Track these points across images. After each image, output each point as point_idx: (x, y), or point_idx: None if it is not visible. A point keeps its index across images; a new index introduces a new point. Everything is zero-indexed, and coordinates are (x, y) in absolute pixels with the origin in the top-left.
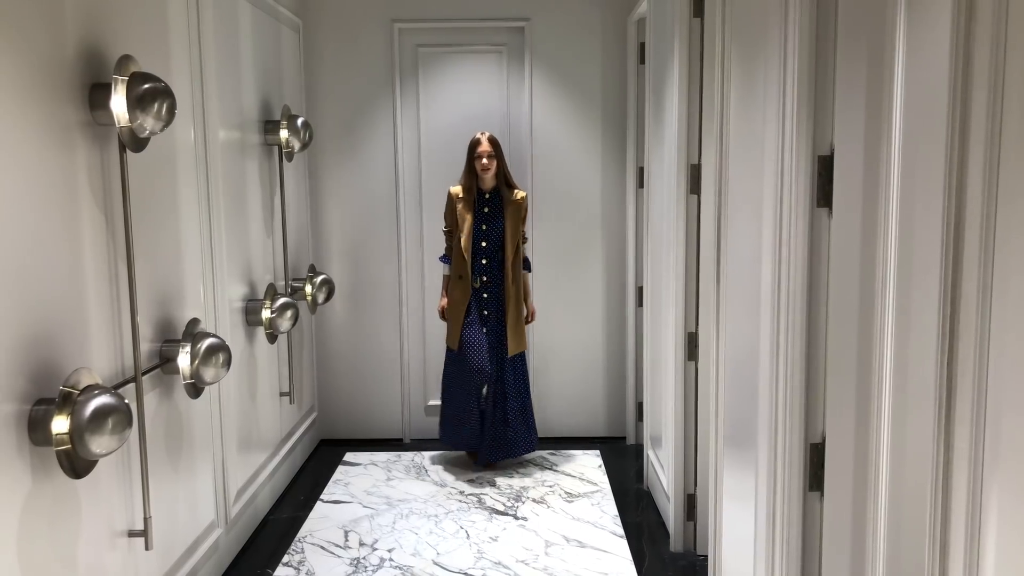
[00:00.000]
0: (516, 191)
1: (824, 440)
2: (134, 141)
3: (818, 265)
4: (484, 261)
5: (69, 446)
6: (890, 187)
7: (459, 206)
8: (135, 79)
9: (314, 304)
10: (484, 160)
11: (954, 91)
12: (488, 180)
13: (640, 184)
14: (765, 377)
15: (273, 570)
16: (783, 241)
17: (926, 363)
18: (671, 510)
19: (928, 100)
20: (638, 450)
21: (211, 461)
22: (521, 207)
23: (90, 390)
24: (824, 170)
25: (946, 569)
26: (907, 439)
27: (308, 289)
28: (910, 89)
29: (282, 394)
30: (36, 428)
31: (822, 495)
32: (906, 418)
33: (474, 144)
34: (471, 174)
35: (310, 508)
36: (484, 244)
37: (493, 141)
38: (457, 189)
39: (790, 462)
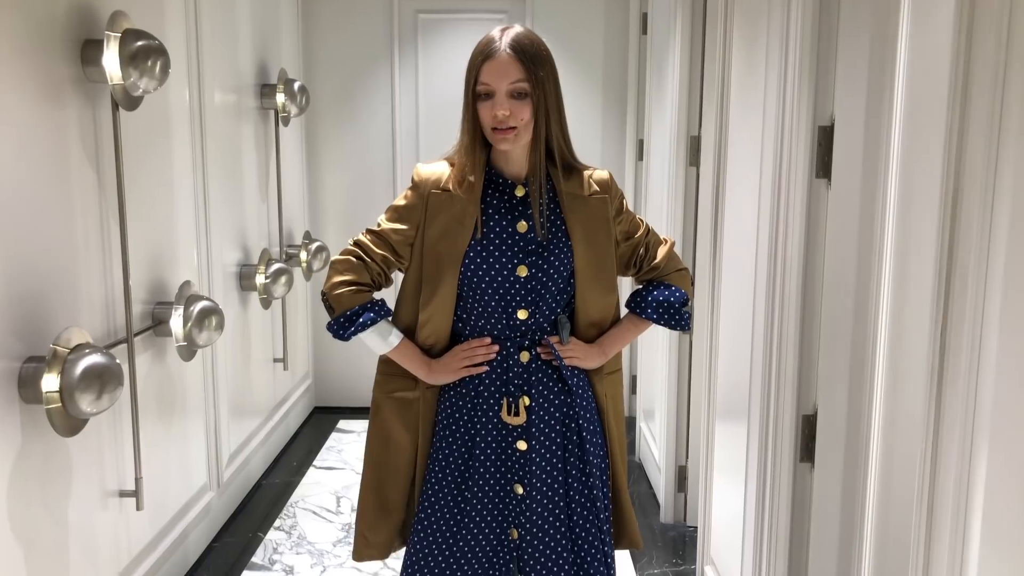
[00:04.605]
0: (587, 172)
1: (816, 411)
2: (127, 99)
3: (815, 236)
4: (524, 357)
5: (59, 404)
6: (890, 158)
7: (443, 220)
8: (128, 36)
9: (309, 271)
10: (501, 109)
11: (957, 63)
12: (516, 155)
13: (640, 157)
14: (759, 348)
15: (265, 533)
16: (781, 212)
17: (921, 335)
18: (662, 482)
19: (931, 71)
20: (630, 422)
21: (204, 424)
22: (606, 204)
23: (81, 349)
24: (824, 141)
25: (932, 538)
26: (899, 410)
27: (303, 256)
28: (913, 59)
29: (276, 360)
30: (26, 385)
31: (813, 466)
32: (899, 389)
33: (482, 57)
34: (477, 142)
35: (303, 474)
36: (524, 316)
37: (524, 51)
38: (439, 173)
39: (782, 433)
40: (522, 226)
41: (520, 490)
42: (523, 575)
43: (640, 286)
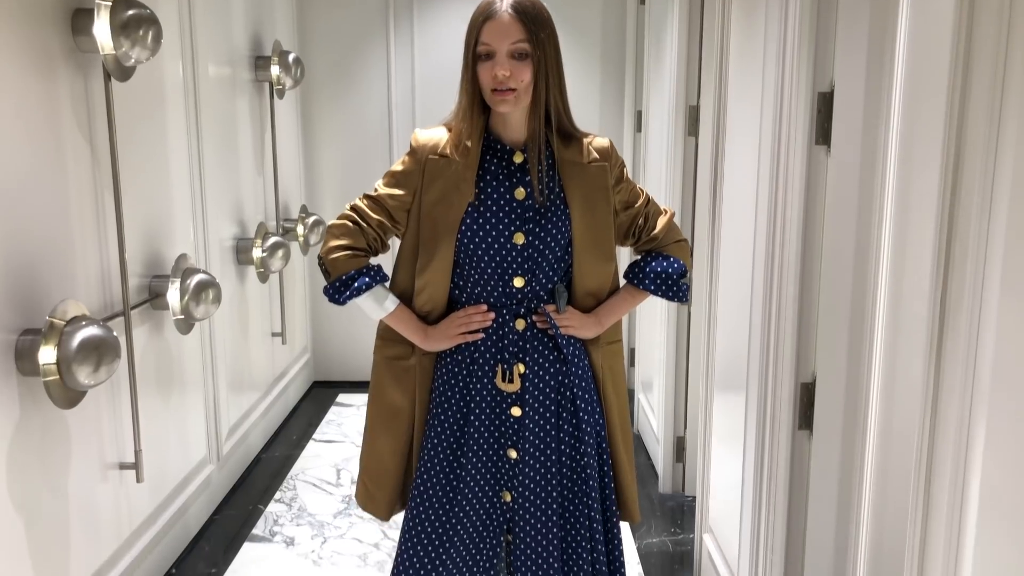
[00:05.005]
0: (587, 140)
1: (815, 379)
2: (119, 70)
3: (815, 204)
4: (520, 325)
5: (57, 377)
6: (890, 124)
7: (440, 186)
8: (119, 5)
9: (306, 245)
10: (501, 69)
11: (959, 26)
12: (514, 120)
13: (638, 128)
14: (758, 317)
15: (265, 506)
16: (780, 179)
17: (920, 301)
18: (660, 452)
19: (933, 35)
20: (629, 395)
21: (203, 398)
22: (605, 172)
23: (77, 321)
24: (824, 107)
25: (930, 504)
26: (898, 377)
27: (300, 230)
28: (915, 23)
29: (274, 335)
30: (23, 358)
31: (811, 434)
32: (898, 356)
33: (483, 17)
34: (475, 105)
35: (303, 447)
36: (520, 283)
37: (526, 12)
38: (436, 138)
39: (780, 401)
40: (520, 193)
41: (514, 454)
42: (512, 535)
43: (639, 257)
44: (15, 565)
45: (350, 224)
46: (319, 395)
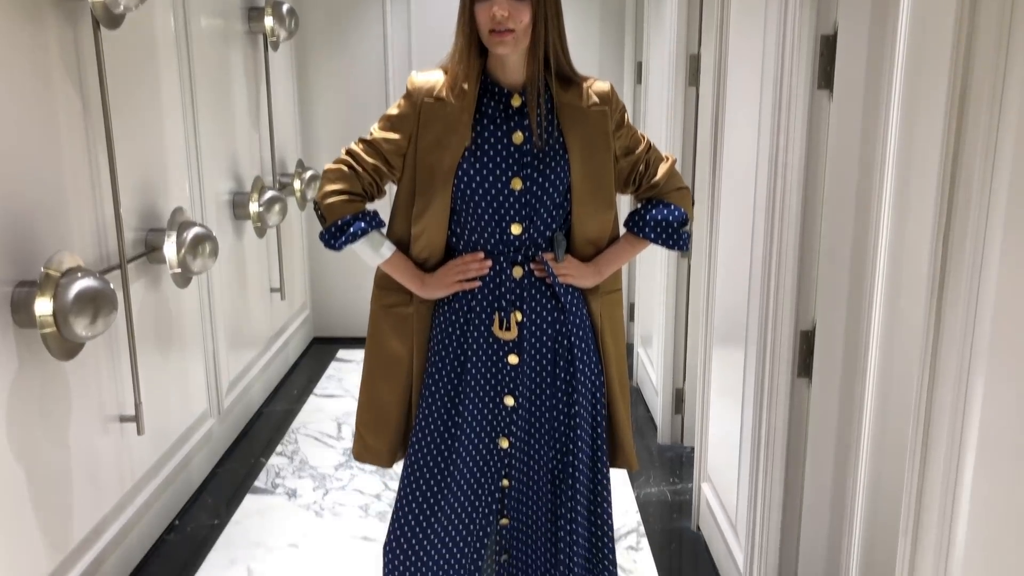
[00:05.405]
0: (587, 83)
1: (815, 327)
2: (108, 17)
3: (817, 149)
4: (517, 272)
5: (54, 328)
6: (895, 67)
7: (435, 130)
8: None
9: (303, 200)
10: (500, 9)
11: None
12: (512, 63)
13: (638, 80)
14: (759, 264)
15: (267, 459)
16: (781, 125)
17: (922, 248)
18: (659, 404)
19: None
20: (628, 349)
21: (202, 352)
22: (605, 117)
23: (72, 273)
24: (826, 50)
25: (929, 450)
26: (899, 323)
27: (297, 185)
28: None
29: (273, 290)
30: (19, 310)
31: (810, 381)
32: (898, 303)
33: None
34: (472, 47)
35: (303, 401)
36: (517, 231)
37: None
38: (432, 81)
39: (780, 349)
40: (518, 137)
41: (511, 402)
42: (509, 480)
43: (639, 205)
44: (17, 517)
45: (345, 168)
46: (319, 351)
